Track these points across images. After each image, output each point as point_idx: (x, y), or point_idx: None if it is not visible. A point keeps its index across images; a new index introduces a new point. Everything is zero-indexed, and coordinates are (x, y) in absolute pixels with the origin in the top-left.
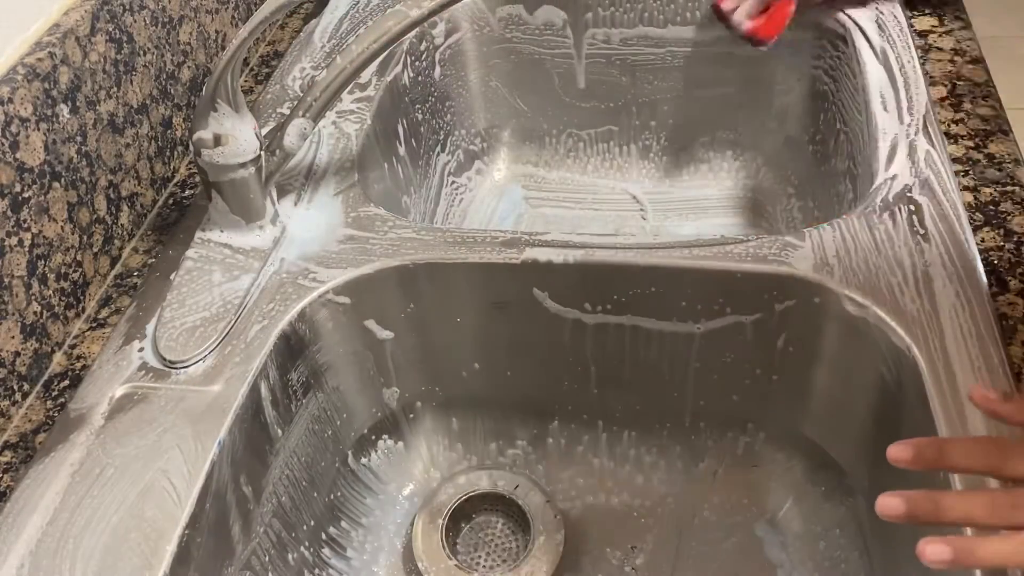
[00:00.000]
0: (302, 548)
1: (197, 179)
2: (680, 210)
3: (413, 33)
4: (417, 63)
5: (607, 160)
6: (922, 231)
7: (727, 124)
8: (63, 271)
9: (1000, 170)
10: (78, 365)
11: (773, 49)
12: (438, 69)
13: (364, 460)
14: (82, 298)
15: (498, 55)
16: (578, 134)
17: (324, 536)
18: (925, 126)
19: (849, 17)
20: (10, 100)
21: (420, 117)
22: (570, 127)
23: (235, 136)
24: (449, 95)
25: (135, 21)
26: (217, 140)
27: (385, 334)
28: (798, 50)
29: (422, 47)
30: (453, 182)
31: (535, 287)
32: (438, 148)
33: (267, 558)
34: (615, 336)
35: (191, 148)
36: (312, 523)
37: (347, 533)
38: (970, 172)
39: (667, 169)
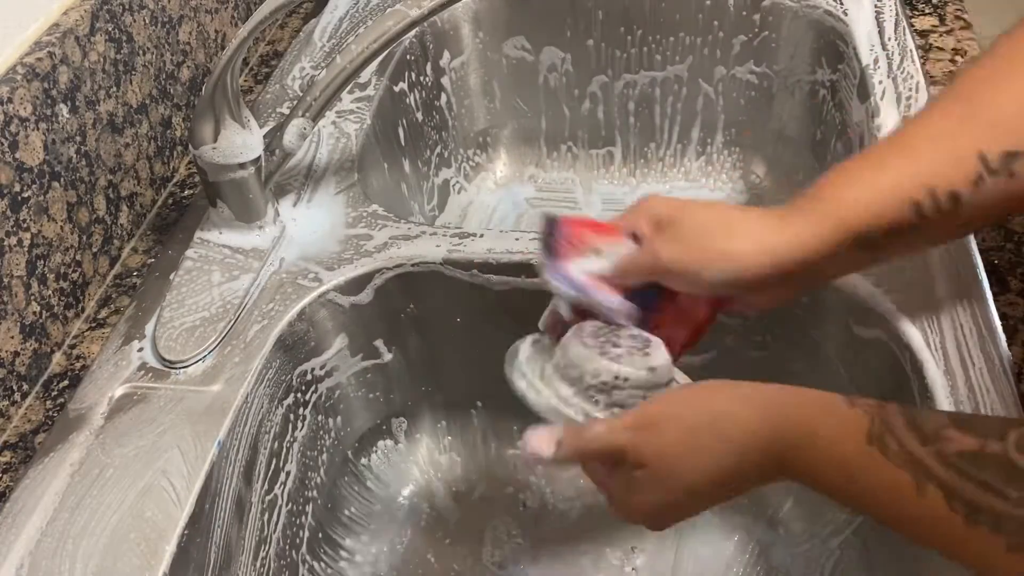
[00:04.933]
0: (303, 550)
1: (196, 179)
2: None
3: (416, 44)
4: (420, 76)
5: (608, 161)
6: None
7: (728, 126)
8: (62, 271)
9: None
10: (77, 365)
11: (774, 53)
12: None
13: (364, 461)
14: (81, 298)
15: (499, 60)
16: (579, 135)
17: (324, 537)
18: None
19: (848, 17)
20: (10, 100)
21: (420, 117)
22: (571, 128)
23: (234, 136)
24: (450, 96)
25: (135, 21)
26: (216, 140)
27: (384, 334)
28: (799, 52)
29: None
30: (454, 182)
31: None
32: (438, 147)
33: (267, 560)
34: None
35: (190, 148)
36: (312, 524)
37: (347, 534)
38: None
39: (668, 170)
